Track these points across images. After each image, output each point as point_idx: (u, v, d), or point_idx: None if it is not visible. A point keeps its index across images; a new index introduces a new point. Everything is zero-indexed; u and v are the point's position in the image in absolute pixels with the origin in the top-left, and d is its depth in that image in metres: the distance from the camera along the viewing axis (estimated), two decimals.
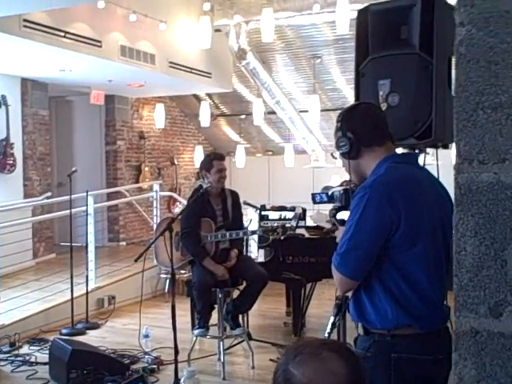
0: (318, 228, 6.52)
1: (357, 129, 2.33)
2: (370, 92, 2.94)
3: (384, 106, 2.84)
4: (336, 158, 2.49)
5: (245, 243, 5.95)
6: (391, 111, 2.80)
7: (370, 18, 2.96)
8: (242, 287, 5.43)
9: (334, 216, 2.52)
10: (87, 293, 6.59)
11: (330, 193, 2.58)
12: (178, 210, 10.75)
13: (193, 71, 9.14)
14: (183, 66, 8.91)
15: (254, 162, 11.89)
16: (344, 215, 2.45)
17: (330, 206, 2.61)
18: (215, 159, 5.34)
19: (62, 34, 6.85)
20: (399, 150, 3.11)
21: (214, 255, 5.23)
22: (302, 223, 6.79)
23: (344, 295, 2.55)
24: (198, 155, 11.59)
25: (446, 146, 3.03)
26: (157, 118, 10.97)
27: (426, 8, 2.82)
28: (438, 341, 2.22)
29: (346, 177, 2.67)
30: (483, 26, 0.94)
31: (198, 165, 11.75)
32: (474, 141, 0.98)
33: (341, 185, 3.17)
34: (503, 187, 0.96)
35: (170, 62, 8.65)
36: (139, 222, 10.84)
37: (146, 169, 11.02)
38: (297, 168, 11.21)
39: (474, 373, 0.99)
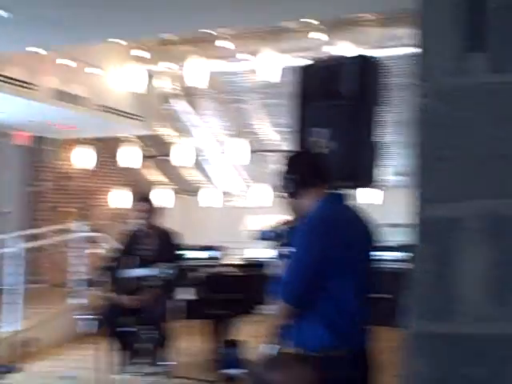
0: (238, 266, 6.94)
1: (300, 173, 2.64)
2: (309, 138, 3.26)
3: (323, 152, 3.16)
4: (282, 197, 2.77)
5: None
6: (329, 156, 3.13)
7: (310, 71, 3.31)
8: None
9: (278, 251, 2.81)
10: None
11: (279, 231, 2.86)
12: (100, 250, 10.69)
13: (122, 114, 9.29)
14: (113, 109, 9.05)
15: (176, 202, 12.03)
16: (287, 250, 2.73)
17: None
18: (134, 200, 5.59)
19: None
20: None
21: (130, 291, 5.37)
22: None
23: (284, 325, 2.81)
24: (122, 196, 11.67)
25: (374, 187, 3.39)
26: (82, 159, 10.98)
27: (359, 65, 3.19)
28: (363, 360, 2.53)
29: (283, 217, 2.95)
30: (442, 98, 1.24)
31: (121, 205, 11.86)
32: (434, 186, 1.28)
33: (284, 224, 3.46)
34: (454, 221, 1.26)
35: (100, 105, 8.78)
36: (61, 263, 10.70)
37: (70, 210, 10.95)
38: (219, 208, 11.51)
39: (424, 369, 1.28)
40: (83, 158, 10.93)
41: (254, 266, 6.94)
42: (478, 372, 1.22)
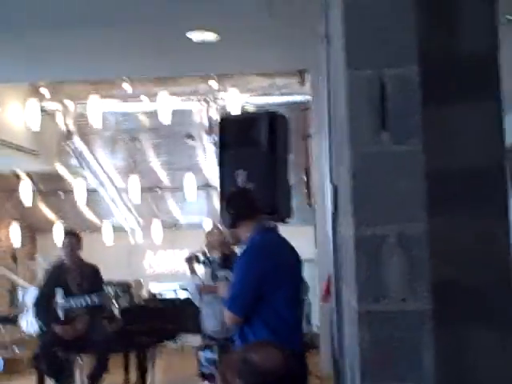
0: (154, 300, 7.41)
1: (236, 207, 3.20)
2: (230, 178, 3.84)
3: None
4: (221, 227, 3.34)
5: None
6: (256, 194, 3.70)
7: (230, 123, 3.91)
8: None
9: (215, 274, 3.38)
10: None
11: (211, 258, 3.46)
12: None
13: (18, 148, 9.35)
14: (8, 143, 9.09)
15: None
16: (223, 273, 3.32)
17: None
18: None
19: None
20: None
21: (64, 321, 5.59)
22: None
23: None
24: (14, 232, 11.61)
25: (284, 221, 4.02)
26: None
27: (271, 119, 3.83)
28: (302, 360, 3.10)
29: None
30: (362, 160, 1.89)
31: (13, 241, 11.80)
32: (362, 216, 1.91)
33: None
34: (377, 238, 1.90)
35: None
36: None
37: None
38: (114, 245, 11.75)
39: (368, 335, 1.89)
40: None
41: (163, 300, 7.44)
42: (399, 335, 1.86)
